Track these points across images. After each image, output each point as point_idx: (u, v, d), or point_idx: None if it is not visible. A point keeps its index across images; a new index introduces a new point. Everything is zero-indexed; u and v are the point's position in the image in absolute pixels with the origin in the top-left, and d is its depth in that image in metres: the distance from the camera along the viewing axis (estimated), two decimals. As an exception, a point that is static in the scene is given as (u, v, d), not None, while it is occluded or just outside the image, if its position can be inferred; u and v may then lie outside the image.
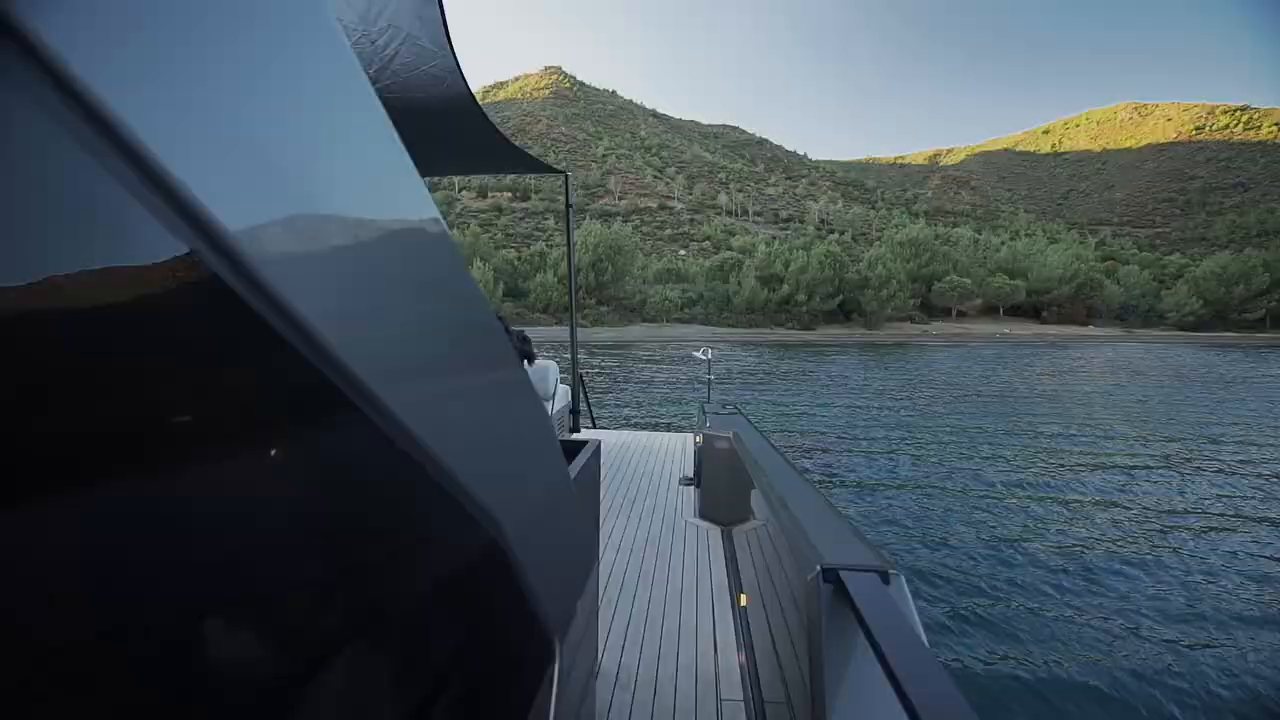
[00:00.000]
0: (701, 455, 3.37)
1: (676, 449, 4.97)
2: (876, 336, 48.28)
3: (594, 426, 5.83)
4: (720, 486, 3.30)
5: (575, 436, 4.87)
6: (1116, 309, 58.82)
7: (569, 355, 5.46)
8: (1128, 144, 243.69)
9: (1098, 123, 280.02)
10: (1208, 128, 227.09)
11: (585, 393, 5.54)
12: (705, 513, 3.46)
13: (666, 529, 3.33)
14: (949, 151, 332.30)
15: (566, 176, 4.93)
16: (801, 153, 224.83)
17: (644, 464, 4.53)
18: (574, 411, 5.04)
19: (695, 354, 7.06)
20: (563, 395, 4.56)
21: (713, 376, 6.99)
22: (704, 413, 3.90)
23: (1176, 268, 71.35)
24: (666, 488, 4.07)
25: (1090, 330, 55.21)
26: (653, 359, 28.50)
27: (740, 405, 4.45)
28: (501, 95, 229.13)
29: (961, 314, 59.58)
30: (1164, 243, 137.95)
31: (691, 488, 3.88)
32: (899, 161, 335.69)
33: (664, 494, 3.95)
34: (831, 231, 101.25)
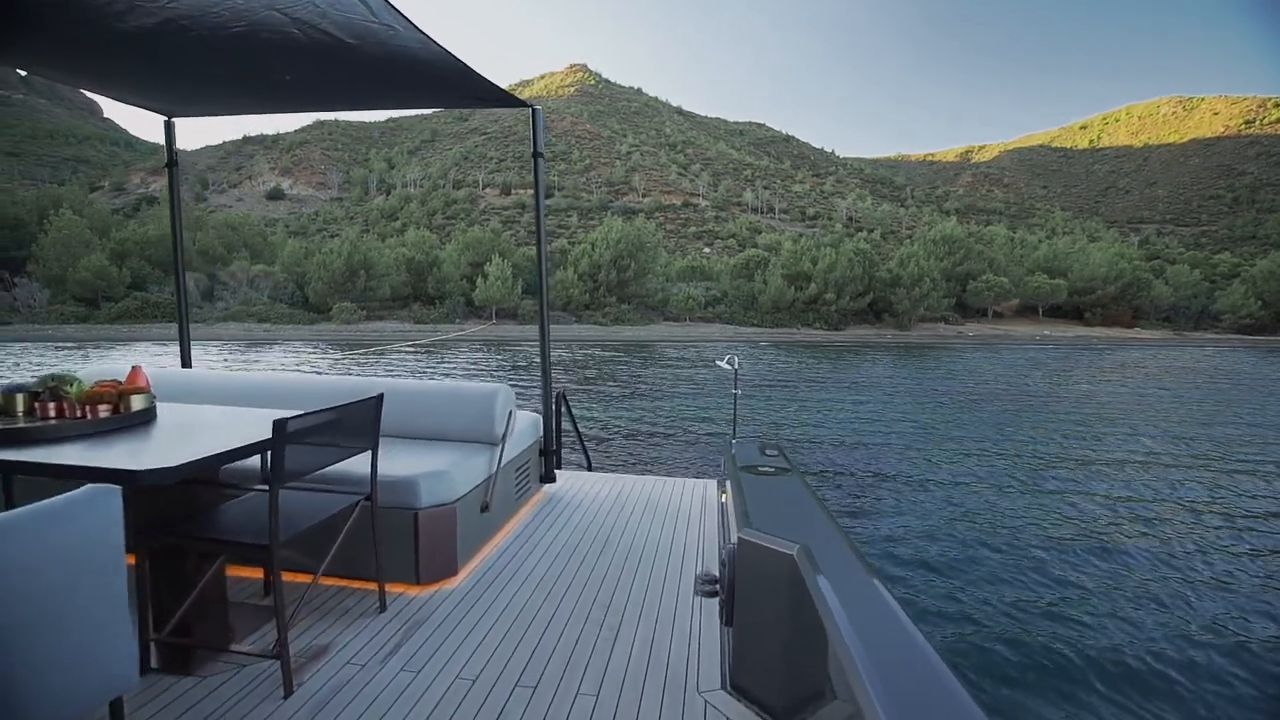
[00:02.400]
0: (736, 559, 1.75)
1: (692, 509, 3.43)
2: (909, 337, 46.31)
3: (588, 467, 4.56)
4: (766, 625, 1.67)
5: (548, 487, 3.70)
6: (1165, 310, 55.73)
7: (578, 361, 4.19)
8: (1171, 139, 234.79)
9: (1138, 118, 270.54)
10: (1259, 121, 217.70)
11: (573, 420, 4.28)
12: (739, 679, 1.79)
13: (667, 710, 1.74)
14: (981, 148, 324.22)
15: (535, 112, 3.63)
16: (829, 150, 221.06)
17: (640, 537, 3.05)
18: (548, 452, 3.60)
19: (720, 363, 5.83)
20: (527, 429, 3.34)
21: (740, 391, 5.71)
22: (734, 462, 2.53)
23: (1229, 267, 67.63)
24: (674, 594, 2.48)
25: (1138, 333, 52.39)
26: (664, 359, 27.17)
27: (784, 444, 3.19)
28: (526, 93, 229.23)
29: (998, 315, 57.08)
30: (1210, 241, 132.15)
31: (715, 602, 2.34)
32: (929, 159, 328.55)
33: (665, 615, 2.31)
34: (860, 229, 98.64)
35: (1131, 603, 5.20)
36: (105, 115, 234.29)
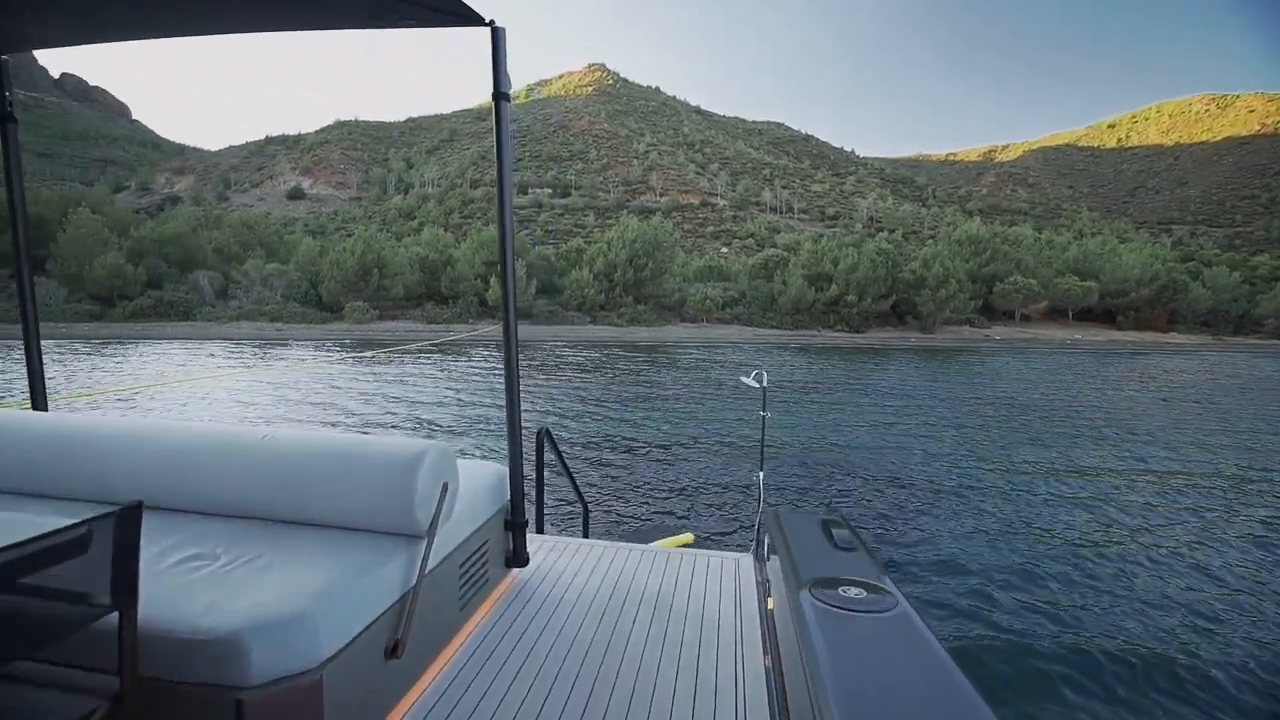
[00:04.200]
0: None
1: (723, 603, 2.40)
2: (933, 340, 44.84)
3: (584, 533, 3.62)
4: None
5: (517, 572, 2.54)
6: (1203, 314, 53.48)
7: (585, 365, 3.27)
8: (1204, 137, 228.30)
9: (1169, 116, 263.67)
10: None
11: (565, 465, 3.35)
12: None
13: None
14: (1005, 148, 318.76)
15: (496, 34, 2.26)
16: (849, 149, 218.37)
17: (650, 657, 2.04)
18: (514, 525, 2.43)
19: (746, 380, 4.88)
20: (483, 494, 2.24)
21: (770, 414, 4.77)
22: (763, 547, 1.96)
23: (1269, 269, 64.98)
24: None
25: (1174, 337, 50.31)
26: (680, 362, 26.19)
27: (849, 516, 2.27)
28: (545, 92, 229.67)
29: (1025, 318, 55.26)
30: (1245, 243, 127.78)
31: None
32: (951, 158, 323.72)
33: None
34: (880, 229, 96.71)
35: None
36: (134, 117, 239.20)
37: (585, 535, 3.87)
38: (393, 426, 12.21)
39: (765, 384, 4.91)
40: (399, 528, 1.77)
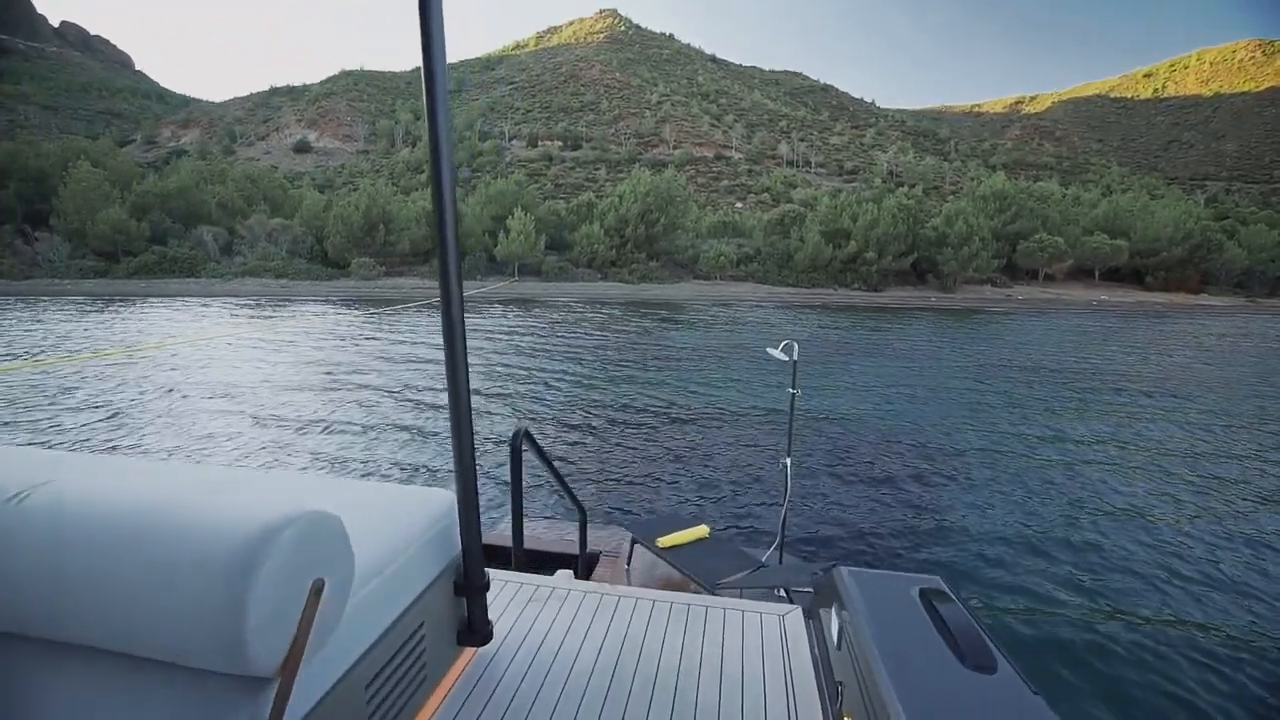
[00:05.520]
0: None
1: (772, 697, 1.64)
2: (953, 301, 43.48)
3: (580, 570, 2.92)
4: None
5: (477, 651, 1.76)
6: (1238, 275, 51.34)
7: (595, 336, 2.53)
8: (1246, 87, 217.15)
9: (1210, 64, 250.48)
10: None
11: (556, 472, 2.65)
12: None
13: None
14: (1032, 99, 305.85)
15: None
16: (869, 100, 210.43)
17: None
18: (469, 589, 1.61)
19: (773, 352, 4.12)
20: (427, 548, 1.47)
21: (798, 391, 4.03)
22: (825, 623, 1.58)
23: (1309, 228, 61.99)
24: None
25: (1205, 299, 48.48)
26: (695, 320, 25.33)
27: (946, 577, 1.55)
28: (555, 40, 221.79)
29: (1049, 277, 53.41)
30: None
31: None
32: (975, 110, 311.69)
33: None
34: (900, 184, 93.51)
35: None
36: (137, 68, 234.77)
37: (581, 553, 3.19)
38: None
39: (795, 357, 4.15)
40: (226, 665, 0.99)
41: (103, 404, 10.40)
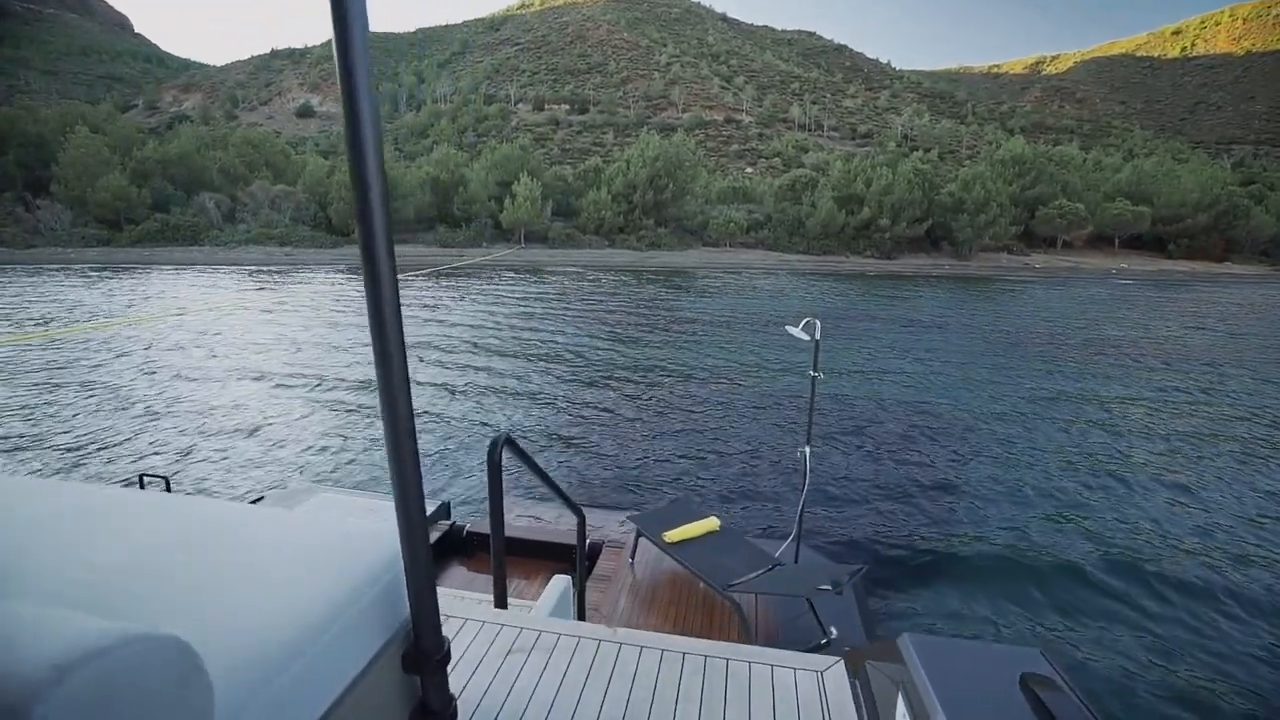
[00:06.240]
0: None
1: None
2: (968, 269, 42.48)
3: (578, 611, 2.51)
4: None
5: None
6: (1263, 243, 49.77)
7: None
8: None
9: (1243, 20, 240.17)
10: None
11: (547, 479, 2.20)
12: None
13: None
14: (1053, 59, 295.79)
15: None
16: (884, 61, 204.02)
17: None
18: (420, 661, 1.07)
19: (793, 331, 3.67)
20: (363, 616, 0.98)
21: (821, 375, 3.59)
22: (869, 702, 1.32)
23: (1340, 193, 59.83)
24: None
25: (1230, 267, 47.15)
26: (706, 287, 24.77)
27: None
28: (559, 0, 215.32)
29: (1067, 245, 52.06)
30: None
31: None
32: (994, 70, 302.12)
33: None
34: (915, 148, 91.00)
35: None
36: (136, 30, 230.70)
37: (581, 548, 2.81)
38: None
39: (818, 336, 3.69)
40: None
41: (164, 363, 10.16)
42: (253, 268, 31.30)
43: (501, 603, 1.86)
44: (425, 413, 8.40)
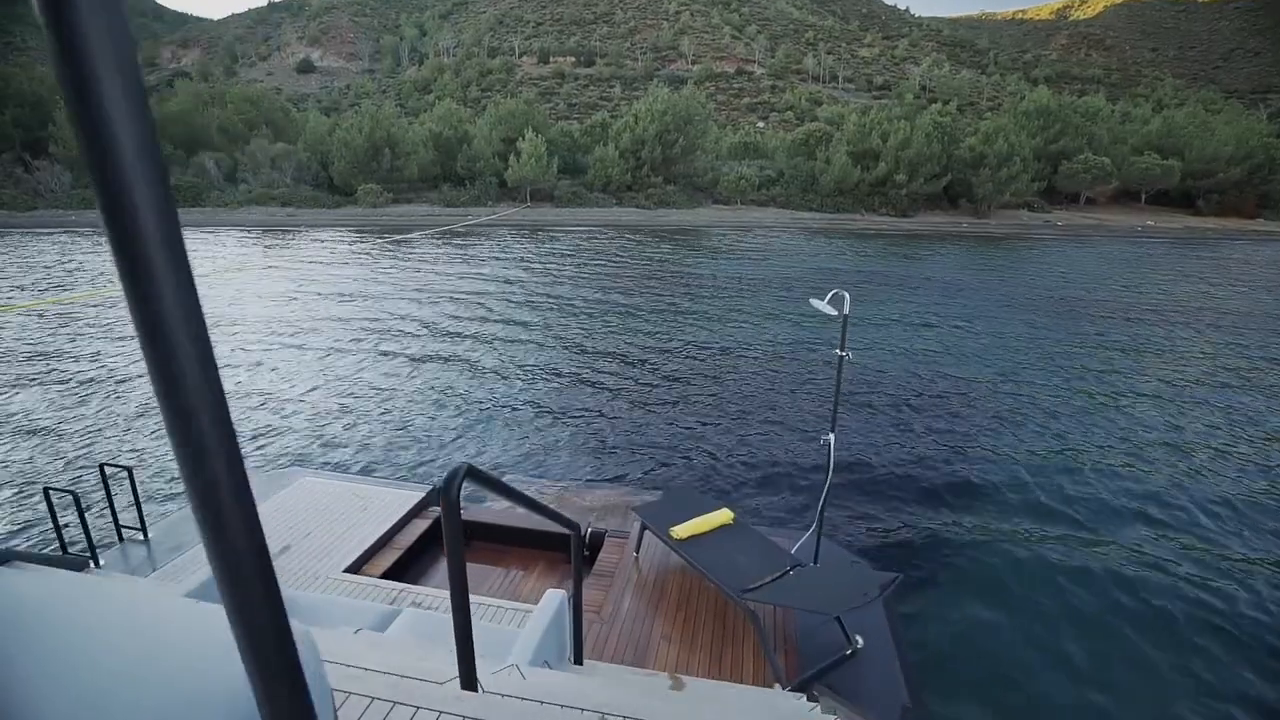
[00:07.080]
0: None
1: None
2: (988, 226, 41.18)
3: (576, 657, 2.24)
4: None
5: None
6: (1298, 197, 47.78)
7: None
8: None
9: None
10: None
11: (526, 499, 1.80)
12: None
13: None
14: (1082, 3, 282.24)
15: None
16: (902, 7, 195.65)
17: None
18: None
19: (818, 304, 3.16)
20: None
21: (849, 355, 3.10)
22: None
23: (1382, 144, 57.08)
24: None
25: (1262, 224, 45.44)
26: (717, 246, 24.08)
27: None
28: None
29: (1090, 200, 50.30)
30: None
31: None
32: (1019, 16, 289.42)
33: None
34: (934, 100, 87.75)
35: None
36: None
37: (581, 542, 2.41)
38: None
39: (847, 310, 3.18)
40: None
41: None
42: (255, 229, 30.78)
43: (469, 684, 1.45)
44: (457, 360, 8.04)
